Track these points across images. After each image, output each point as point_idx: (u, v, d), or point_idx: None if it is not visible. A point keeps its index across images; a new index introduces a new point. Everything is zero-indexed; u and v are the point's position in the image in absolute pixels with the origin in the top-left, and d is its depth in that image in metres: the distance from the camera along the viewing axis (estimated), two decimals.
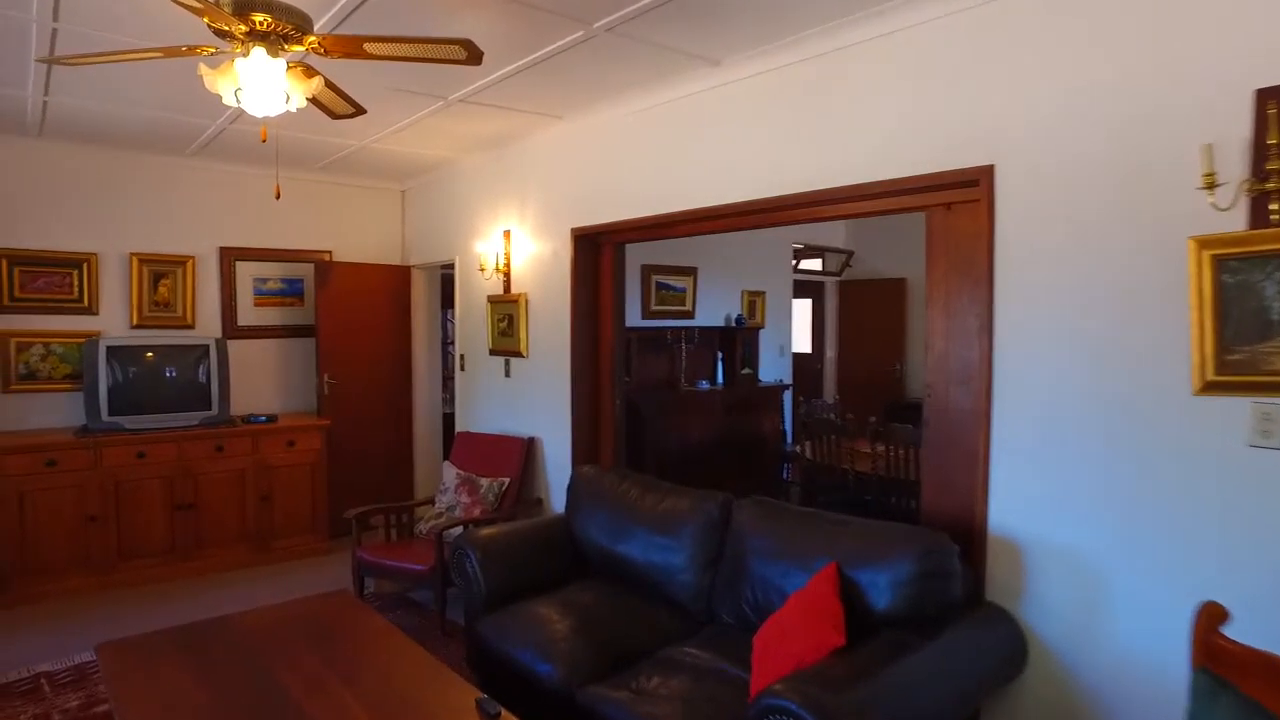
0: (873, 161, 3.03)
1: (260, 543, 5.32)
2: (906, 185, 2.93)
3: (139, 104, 4.23)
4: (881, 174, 3.00)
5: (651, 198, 4.05)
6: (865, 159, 3.06)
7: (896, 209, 3.15)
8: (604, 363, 4.68)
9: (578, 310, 4.60)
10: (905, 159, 2.92)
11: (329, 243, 6.22)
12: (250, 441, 5.27)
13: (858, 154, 3.09)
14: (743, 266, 7.48)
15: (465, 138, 4.95)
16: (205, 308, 5.69)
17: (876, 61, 3.02)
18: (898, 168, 2.94)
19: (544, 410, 4.90)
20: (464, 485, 4.81)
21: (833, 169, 3.18)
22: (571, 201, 4.62)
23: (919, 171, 2.88)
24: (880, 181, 3.01)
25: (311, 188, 6.10)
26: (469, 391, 5.74)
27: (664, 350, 6.70)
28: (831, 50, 3.15)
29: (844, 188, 3.14)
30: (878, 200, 3.15)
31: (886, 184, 2.99)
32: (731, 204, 3.62)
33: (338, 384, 5.93)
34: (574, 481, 3.89)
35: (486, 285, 5.40)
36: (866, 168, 3.05)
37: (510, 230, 5.16)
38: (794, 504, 7.03)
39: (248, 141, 5.01)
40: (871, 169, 3.04)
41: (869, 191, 3.08)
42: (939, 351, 3.02)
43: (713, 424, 6.52)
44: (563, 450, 4.72)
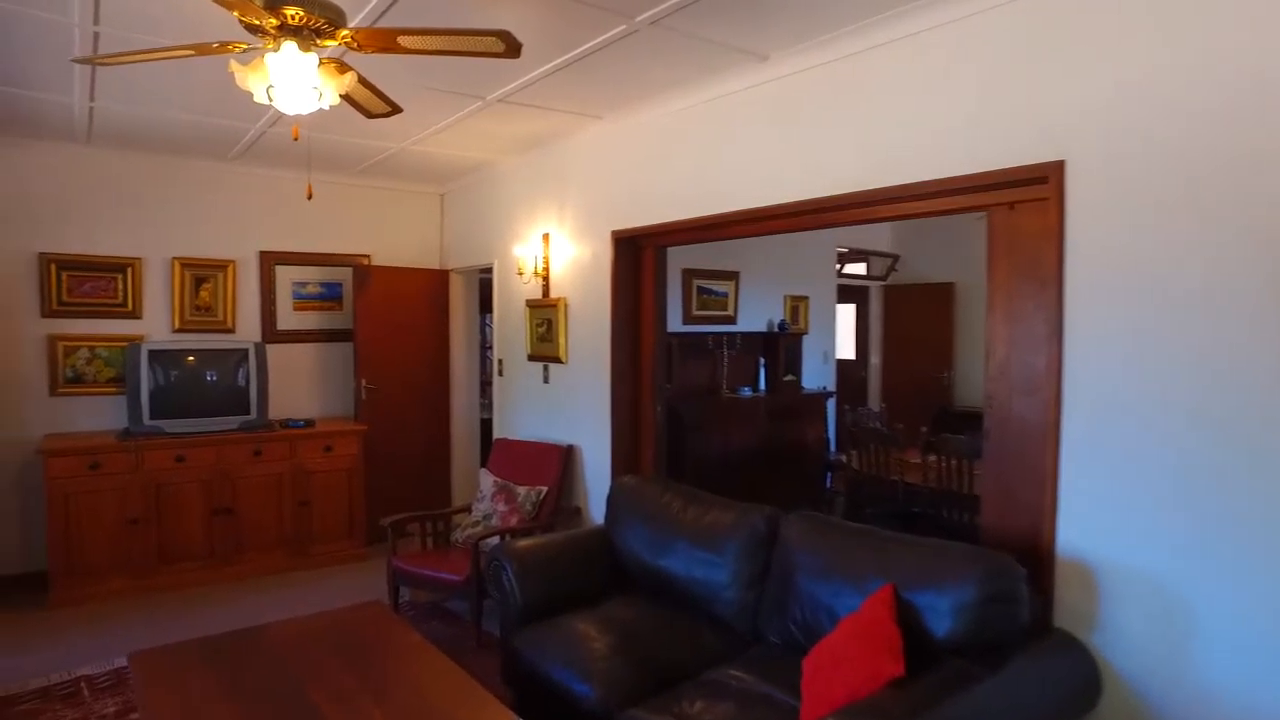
0: (929, 159, 2.87)
1: (298, 548, 5.29)
2: (966, 184, 2.76)
3: (181, 108, 4.22)
4: (938, 172, 2.83)
5: (694, 199, 3.92)
6: (921, 157, 2.90)
7: (953, 209, 2.98)
8: (645, 369, 4.56)
9: (618, 315, 4.49)
10: (964, 156, 2.75)
11: (368, 246, 6.20)
12: (288, 446, 5.25)
13: (913, 152, 2.93)
14: (786, 271, 7.31)
15: (504, 139, 4.88)
16: (245, 312, 5.70)
17: (936, 52, 2.85)
18: (956, 165, 2.78)
19: (583, 417, 4.80)
20: (501, 493, 4.72)
21: (885, 168, 3.02)
22: (612, 204, 4.52)
23: (980, 169, 2.71)
24: (937, 180, 2.85)
25: (351, 191, 6.09)
26: (507, 398, 5.66)
27: (705, 356, 6.56)
28: (886, 42, 3.00)
29: (897, 187, 2.98)
30: (933, 200, 2.98)
31: (944, 183, 2.83)
32: (777, 205, 3.47)
33: (375, 389, 5.90)
34: (614, 492, 3.77)
35: (525, 289, 5.32)
36: (922, 166, 2.89)
37: (549, 233, 5.07)
38: (838, 515, 6.89)
39: (288, 144, 4.99)
40: (928, 167, 2.87)
41: (924, 191, 2.91)
42: (1000, 359, 2.84)
43: (755, 432, 6.36)
44: (602, 459, 4.61)
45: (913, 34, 2.90)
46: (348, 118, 4.26)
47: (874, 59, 3.06)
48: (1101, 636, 2.42)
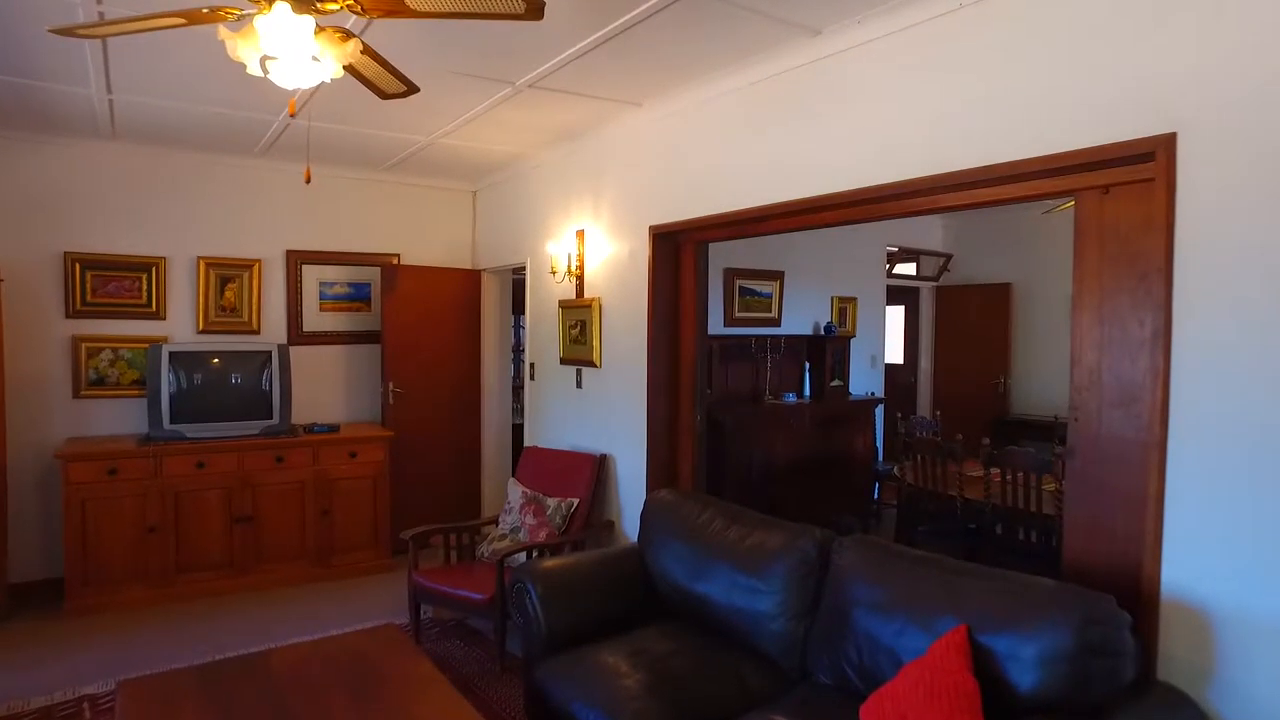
0: (1008, 138, 2.53)
1: (320, 558, 5.09)
2: (1051, 165, 2.42)
3: (201, 100, 4.04)
4: (1018, 153, 2.49)
5: (739, 190, 3.61)
6: (998, 136, 2.56)
7: (1033, 195, 2.64)
8: (684, 374, 4.26)
9: (656, 316, 4.20)
10: (1050, 133, 2.41)
11: (397, 245, 6.00)
12: (311, 452, 5.06)
13: (988, 131, 2.59)
14: (832, 271, 6.95)
15: (537, 131, 4.62)
16: (271, 312, 5.53)
17: (1015, 16, 2.51)
18: (1039, 144, 2.43)
19: (618, 425, 4.51)
20: (530, 505, 4.45)
21: (956, 150, 2.68)
22: (650, 197, 4.23)
23: (1066, 147, 2.37)
24: (1017, 162, 2.50)
25: (380, 188, 5.90)
26: (538, 403, 5.40)
27: (748, 360, 6.23)
28: (956, 8, 2.66)
29: (970, 171, 2.64)
30: (1011, 185, 2.63)
31: (1025, 165, 2.48)
32: (831, 195, 3.15)
33: (403, 393, 5.68)
34: (649, 508, 3.47)
35: (558, 289, 5.06)
36: (999, 146, 2.55)
37: (584, 230, 4.80)
38: (887, 530, 6.51)
39: (315, 139, 4.80)
40: (1006, 147, 2.53)
41: (1001, 174, 2.57)
42: (1089, 366, 2.48)
43: (800, 440, 6.01)
44: (637, 470, 4.32)
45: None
46: (370, 107, 4.05)
47: (942, 27, 2.73)
48: (1219, 695, 2.05)
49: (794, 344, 6.53)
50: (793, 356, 6.53)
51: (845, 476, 6.38)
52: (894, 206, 3.06)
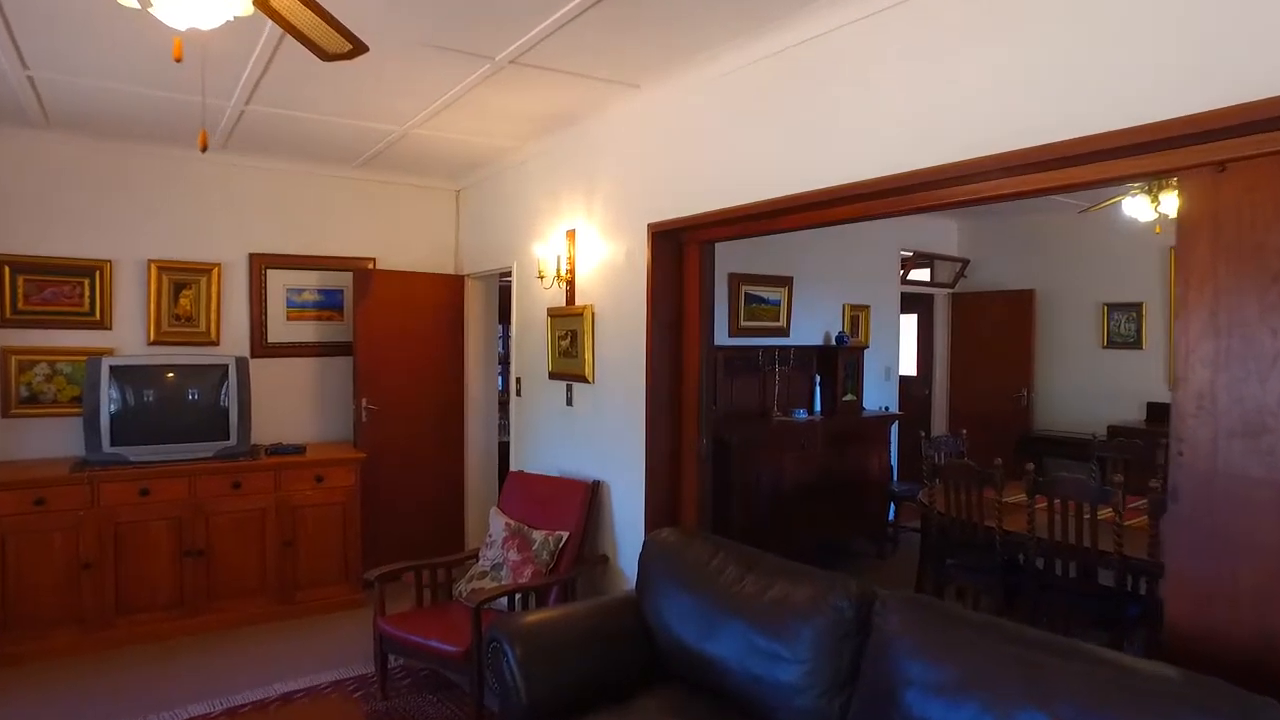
0: (1078, 109, 2.05)
1: (282, 594, 4.57)
2: (1138, 139, 1.94)
3: (136, 79, 3.54)
4: (1104, 124, 2.01)
5: (750, 182, 3.13)
6: (1065, 107, 2.08)
7: (1115, 177, 2.16)
8: (688, 390, 3.77)
9: (655, 325, 3.71)
10: (1138, 98, 1.93)
11: (373, 249, 5.50)
12: (272, 477, 4.55)
13: (1052, 99, 2.11)
14: (844, 276, 6.47)
15: (523, 118, 4.14)
16: (232, 322, 5.03)
17: None
18: (1123, 113, 1.96)
19: (613, 448, 4.02)
20: (513, 538, 3.95)
21: (1008, 125, 2.20)
22: (649, 192, 3.75)
23: (1168, 114, 1.88)
24: (1090, 138, 2.02)
25: (353, 186, 5.41)
26: (525, 422, 4.90)
27: (754, 373, 5.75)
28: None
29: (1028, 151, 2.16)
30: (1079, 168, 2.15)
31: (1111, 139, 2.00)
32: (858, 184, 2.66)
33: (378, 410, 5.18)
34: (648, 551, 2.97)
35: (546, 296, 4.56)
36: (1067, 119, 2.07)
37: (575, 229, 4.32)
38: (906, 555, 6.02)
39: (278, 129, 4.32)
40: (1075, 119, 2.05)
41: (1065, 155, 2.09)
42: (1199, 387, 2.00)
43: (811, 460, 5.52)
44: (635, 498, 3.82)
45: None
46: (329, 89, 3.57)
47: None
48: None
49: (804, 355, 6.04)
50: (802, 369, 6.05)
51: (860, 498, 5.89)
52: (930, 196, 2.57)
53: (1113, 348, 6.39)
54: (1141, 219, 4.28)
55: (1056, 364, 6.81)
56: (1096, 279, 6.46)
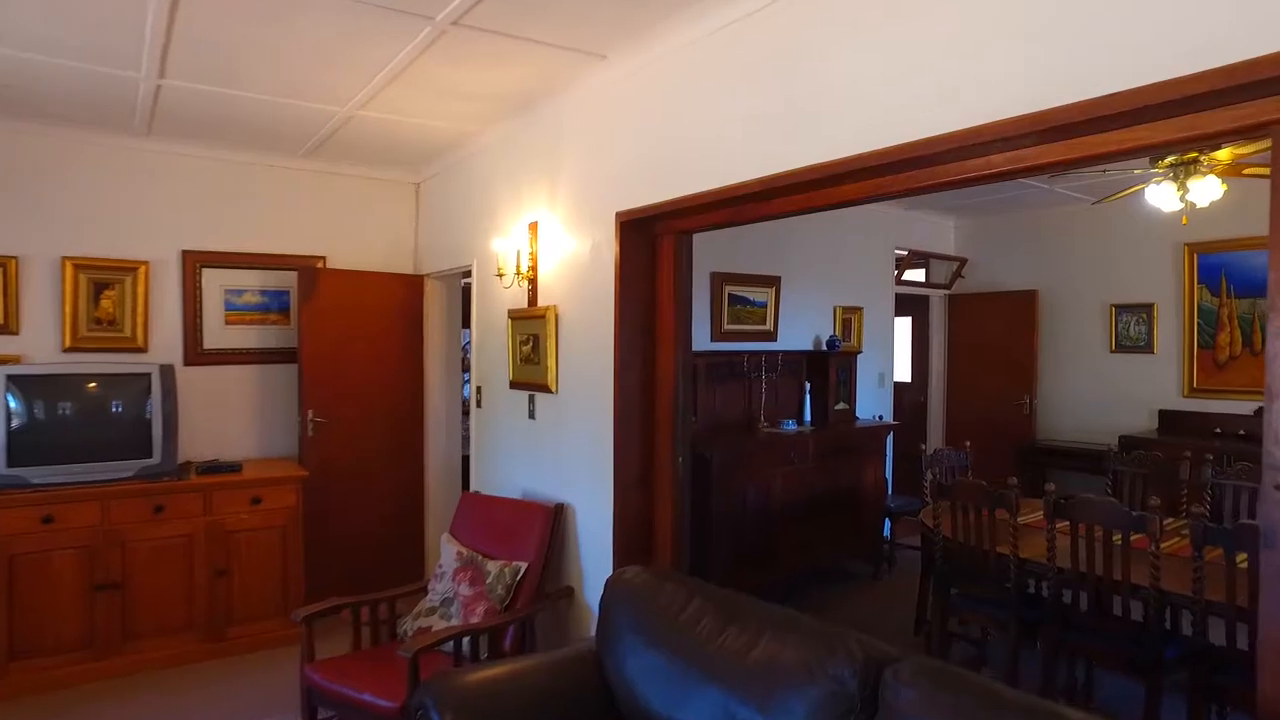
0: (1142, 51, 1.62)
1: (212, 631, 4.09)
2: (1217, 84, 1.51)
3: (45, 47, 3.06)
4: (1174, 69, 1.58)
5: (733, 160, 2.69)
6: (1128, 50, 1.65)
7: (1182, 139, 1.73)
8: (661, 402, 3.32)
9: (623, 329, 3.26)
10: (1222, 35, 1.51)
11: (323, 246, 5.03)
12: (201, 499, 4.07)
13: (1111, 43, 1.68)
14: (836, 276, 6.05)
15: (479, 96, 3.69)
16: (162, 326, 4.54)
17: None
18: (1202, 53, 1.53)
19: (578, 466, 3.57)
20: (466, 570, 3.49)
21: (1057, 77, 1.77)
22: (617, 177, 3.31)
23: (1252, 51, 1.46)
24: (1162, 85, 1.59)
25: (300, 178, 4.94)
26: (485, 436, 4.45)
27: (739, 380, 5.31)
28: None
29: (1082, 105, 1.73)
30: (1142, 128, 1.73)
31: (1173, 88, 1.57)
32: (862, 155, 2.23)
33: (326, 423, 4.70)
34: (611, 595, 2.52)
35: (507, 296, 4.12)
36: (1132, 64, 1.64)
37: (538, 221, 3.87)
38: (904, 575, 5.59)
39: (205, 110, 3.85)
40: (1140, 65, 1.62)
41: (1129, 107, 1.66)
42: None
43: (801, 475, 5.08)
44: (603, 523, 3.37)
45: None
46: (253, 59, 3.05)
47: None
48: None
49: (792, 361, 5.61)
50: (791, 376, 5.61)
51: (854, 515, 5.46)
52: (954, 169, 2.14)
53: (1121, 352, 5.99)
54: (1165, 209, 3.87)
55: (1061, 369, 6.40)
56: (1104, 278, 6.07)
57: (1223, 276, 5.41)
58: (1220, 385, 5.44)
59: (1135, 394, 5.89)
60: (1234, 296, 5.36)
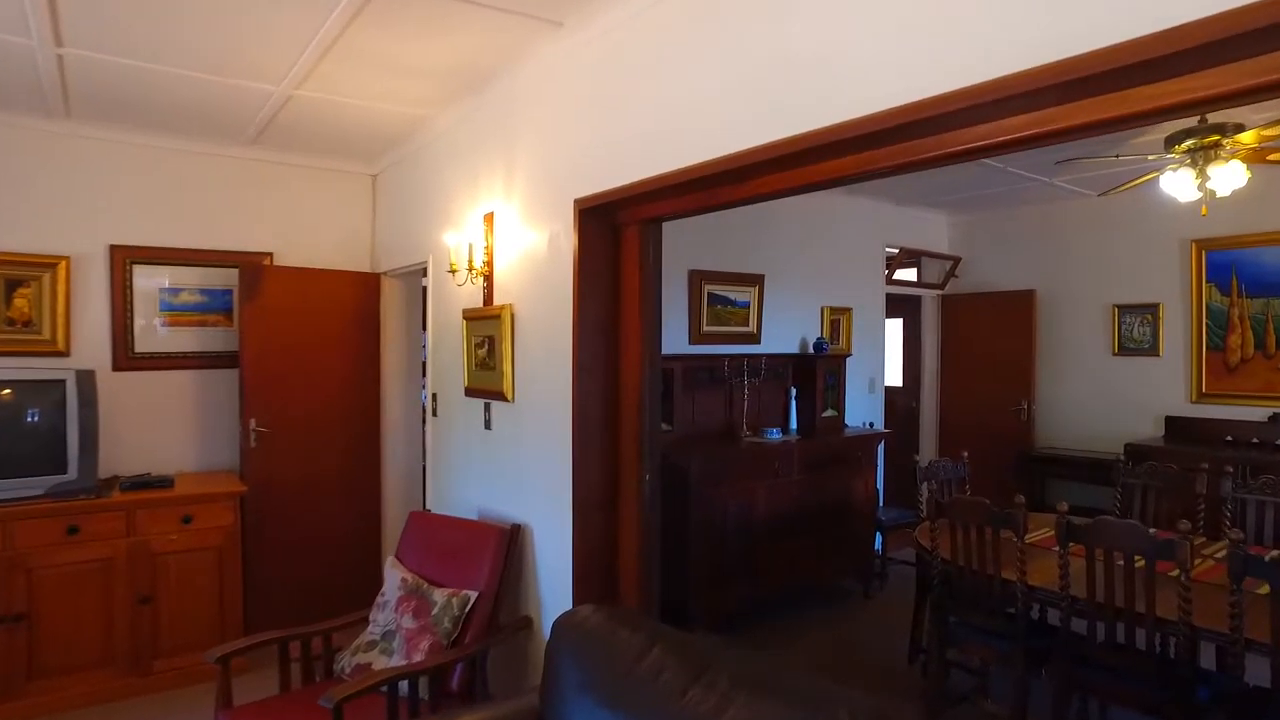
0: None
1: (136, 664, 3.70)
2: None
3: None
4: None
5: (704, 134, 2.33)
6: None
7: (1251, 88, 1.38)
8: (625, 413, 2.96)
9: (583, 330, 2.90)
10: None
11: (270, 242, 4.65)
12: (124, 518, 3.68)
13: None
14: (823, 275, 5.71)
15: (425, 73, 3.33)
16: (87, 328, 4.15)
17: None
18: None
19: (537, 483, 3.20)
20: (409, 599, 3.12)
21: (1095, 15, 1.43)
22: (576, 159, 2.95)
23: None
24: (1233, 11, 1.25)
25: (245, 168, 4.56)
26: (440, 449, 4.08)
27: (719, 386, 4.95)
28: None
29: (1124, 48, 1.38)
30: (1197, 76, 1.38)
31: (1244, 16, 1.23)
32: (853, 121, 1.87)
33: (270, 433, 4.32)
34: (558, 640, 2.15)
35: (462, 295, 3.75)
36: None
37: (493, 212, 3.51)
38: (896, 591, 5.24)
39: (123, 88, 3.47)
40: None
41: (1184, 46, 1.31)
42: None
43: (786, 488, 4.73)
44: (564, 546, 3.00)
45: None
46: (157, 22, 2.70)
47: None
48: None
49: (777, 365, 5.26)
50: (776, 381, 5.26)
51: (843, 529, 5.11)
52: (961, 136, 1.78)
53: (1125, 355, 5.66)
54: (1181, 199, 3.55)
55: (1060, 374, 6.07)
56: (1105, 277, 5.74)
57: (1233, 274, 5.09)
58: (1231, 390, 5.12)
59: (1139, 399, 5.57)
60: (1245, 296, 5.04)
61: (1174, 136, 3.47)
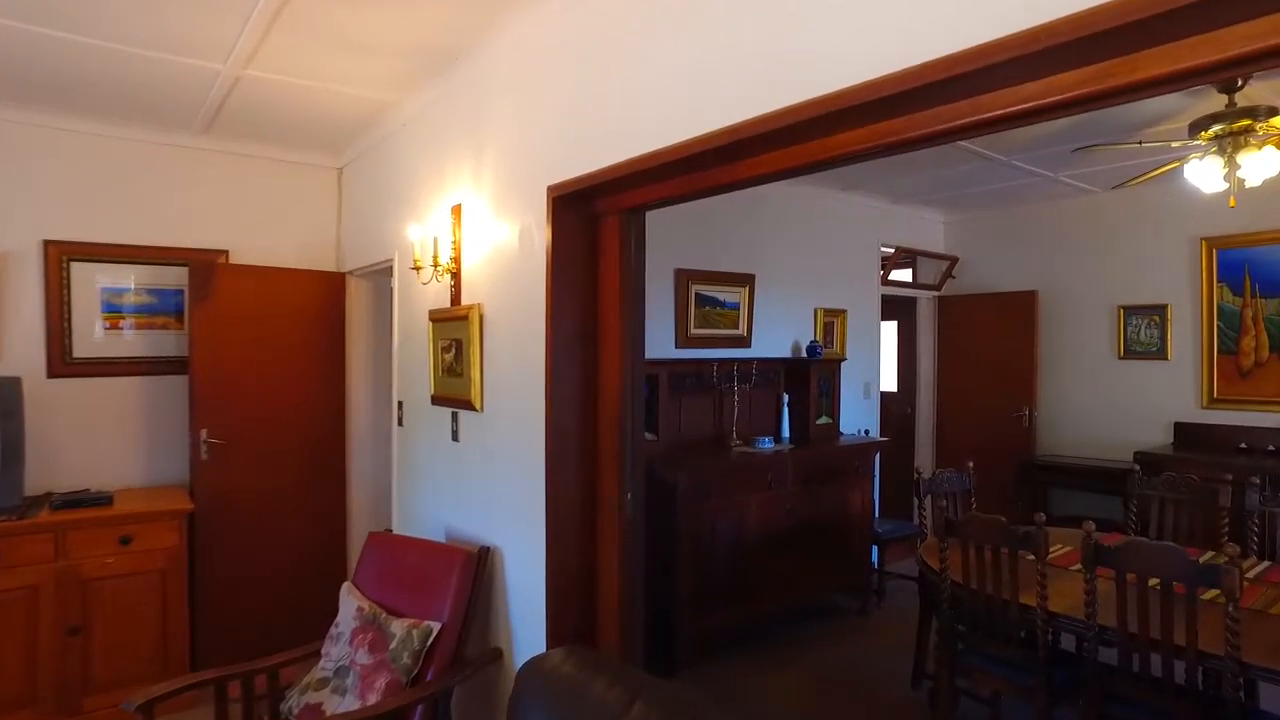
0: None
1: (64, 702, 3.35)
2: None
3: None
4: None
5: (694, 107, 2.04)
6: None
7: None
8: (605, 424, 2.66)
9: (557, 333, 2.60)
10: None
11: (227, 238, 4.33)
12: (51, 541, 3.34)
13: None
14: (816, 275, 5.44)
15: (385, 49, 3.02)
16: (17, 330, 3.80)
17: None
18: None
19: (507, 501, 2.90)
20: (366, 631, 2.80)
21: None
22: (550, 142, 2.65)
23: None
24: None
25: (198, 159, 4.24)
26: (407, 462, 3.77)
27: (707, 393, 4.66)
28: None
29: None
30: None
31: None
32: (867, 84, 1.58)
33: (224, 445, 3.98)
34: (522, 694, 1.84)
35: (429, 295, 3.45)
36: None
37: (461, 204, 3.20)
38: (896, 608, 4.96)
39: (59, 69, 3.14)
40: None
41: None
42: None
43: (780, 501, 4.44)
44: (536, 574, 2.70)
45: None
46: None
47: None
48: None
49: (769, 370, 4.98)
50: (767, 387, 4.98)
51: (840, 545, 4.82)
52: (1005, 96, 1.49)
53: (1131, 358, 5.41)
54: (1206, 190, 3.29)
55: (1063, 378, 5.82)
56: (1111, 277, 5.50)
57: (1246, 274, 4.85)
58: (1244, 395, 4.87)
59: (1147, 405, 5.32)
60: (1259, 296, 4.80)
61: (1199, 122, 3.21)
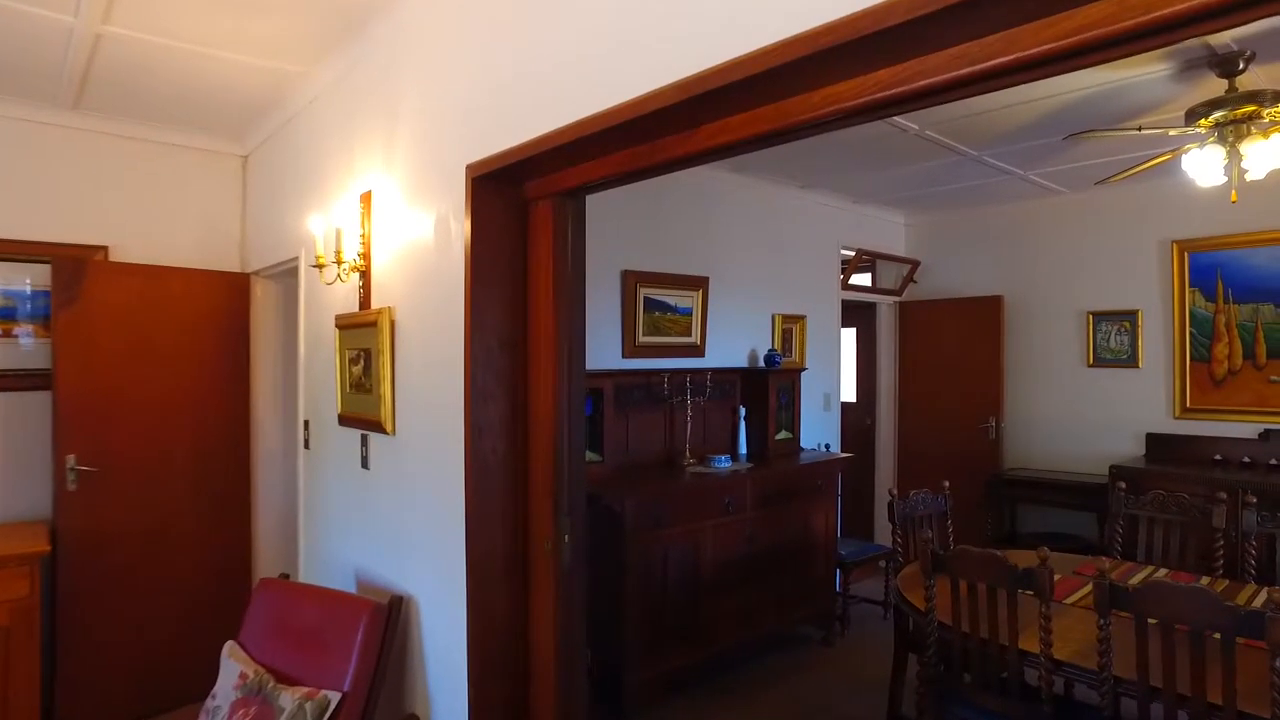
0: None
1: None
2: None
3: None
4: None
5: (642, 62, 1.63)
6: None
7: None
8: (538, 451, 2.22)
9: (479, 341, 2.15)
10: None
11: (106, 233, 3.77)
12: None
13: None
14: (774, 278, 5.07)
15: (282, 7, 2.54)
16: None
17: None
18: None
19: (422, 543, 2.43)
20: (249, 704, 2.30)
21: None
22: (472, 111, 2.20)
23: None
24: None
25: (72, 141, 3.67)
26: (313, 492, 3.26)
27: (658, 407, 4.24)
28: None
29: None
30: None
31: None
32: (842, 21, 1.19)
33: (97, 473, 3.42)
34: None
35: (337, 298, 2.96)
36: None
37: (371, 191, 2.73)
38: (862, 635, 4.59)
39: None
40: None
41: None
42: None
43: (738, 527, 4.04)
44: (457, 628, 2.24)
45: None
46: None
47: None
48: None
49: (724, 381, 4.58)
50: (723, 399, 4.58)
51: (802, 571, 4.44)
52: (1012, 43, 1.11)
53: (1101, 366, 5.17)
54: (1203, 183, 3.00)
55: (1031, 387, 5.56)
56: (1079, 282, 5.25)
57: (1219, 278, 4.64)
58: (1217, 404, 4.65)
59: (1117, 415, 5.08)
60: (1233, 301, 4.59)
61: (1196, 109, 2.92)
